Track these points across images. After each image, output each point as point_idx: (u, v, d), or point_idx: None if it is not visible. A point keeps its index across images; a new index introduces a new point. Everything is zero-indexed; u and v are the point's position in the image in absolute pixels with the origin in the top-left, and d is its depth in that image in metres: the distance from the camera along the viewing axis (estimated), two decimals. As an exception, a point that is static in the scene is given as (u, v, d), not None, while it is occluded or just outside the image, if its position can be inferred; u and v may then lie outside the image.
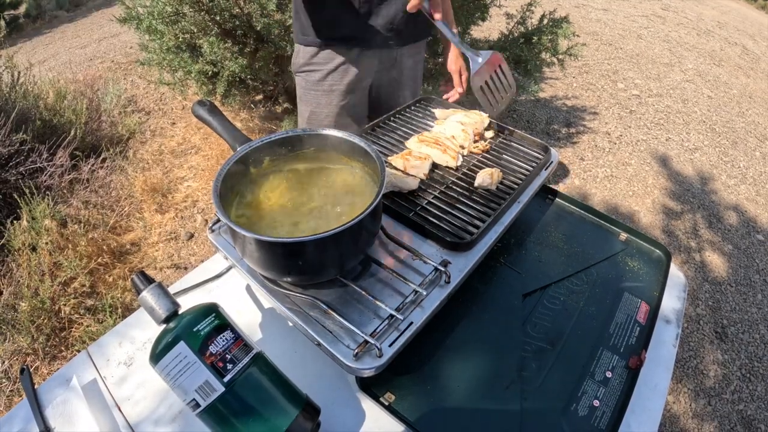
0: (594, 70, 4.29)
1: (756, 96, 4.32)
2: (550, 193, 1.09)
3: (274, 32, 2.10)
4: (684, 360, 1.96)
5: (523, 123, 3.40)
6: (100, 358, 0.73)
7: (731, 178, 3.13)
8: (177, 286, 0.82)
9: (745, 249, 2.56)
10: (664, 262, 0.94)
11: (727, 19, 6.50)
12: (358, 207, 0.72)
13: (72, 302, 1.75)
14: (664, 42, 5.18)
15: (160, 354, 0.57)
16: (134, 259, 2.09)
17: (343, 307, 0.67)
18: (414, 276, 0.72)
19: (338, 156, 0.78)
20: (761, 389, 1.89)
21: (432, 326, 0.72)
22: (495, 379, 0.71)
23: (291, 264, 0.64)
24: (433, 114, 1.14)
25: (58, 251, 1.88)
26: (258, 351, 0.62)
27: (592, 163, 3.09)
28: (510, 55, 2.44)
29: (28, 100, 2.46)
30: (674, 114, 3.77)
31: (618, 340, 0.79)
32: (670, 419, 1.75)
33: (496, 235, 0.81)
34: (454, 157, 0.94)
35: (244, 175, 0.75)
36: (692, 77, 4.44)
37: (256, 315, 0.80)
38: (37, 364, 1.61)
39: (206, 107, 0.82)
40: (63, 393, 0.67)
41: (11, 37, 4.72)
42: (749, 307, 2.24)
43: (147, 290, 0.62)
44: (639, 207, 2.76)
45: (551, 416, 0.67)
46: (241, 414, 0.56)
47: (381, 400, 0.67)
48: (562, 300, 0.85)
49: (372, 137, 1.04)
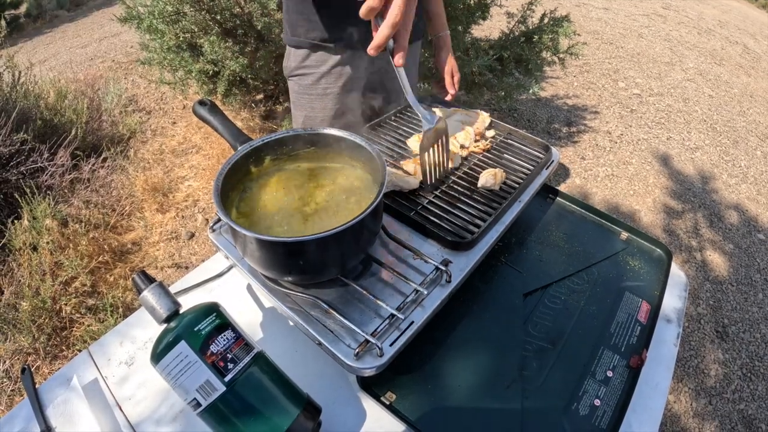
0: (595, 69, 4.28)
1: (757, 95, 4.32)
2: (551, 192, 1.09)
3: (275, 31, 2.10)
4: (685, 359, 1.96)
5: (524, 122, 3.39)
6: (101, 357, 0.73)
7: (732, 177, 3.12)
8: (178, 286, 0.82)
9: (746, 248, 2.55)
10: (665, 262, 0.94)
11: (728, 18, 6.48)
12: (359, 206, 0.72)
13: (73, 302, 1.75)
14: (665, 41, 5.17)
15: (161, 353, 0.57)
16: (135, 259, 2.09)
17: (344, 307, 0.67)
18: (415, 275, 0.72)
19: (339, 155, 0.78)
20: (762, 388, 1.88)
21: (433, 325, 0.72)
22: (496, 378, 0.71)
23: (292, 263, 0.64)
24: (433, 113, 1.14)
25: (59, 251, 1.88)
26: (259, 350, 0.62)
27: (593, 162, 3.08)
28: (511, 54, 2.43)
29: (28, 100, 2.47)
30: (675, 113, 3.77)
31: (619, 339, 0.79)
32: (671, 418, 1.75)
33: (497, 234, 0.81)
34: (452, 158, 0.94)
35: (245, 175, 0.75)
36: (693, 76, 4.43)
37: (257, 314, 0.80)
38: (38, 363, 1.61)
39: (207, 107, 0.82)
40: (64, 392, 0.67)
41: (12, 37, 4.73)
42: (750, 307, 2.23)
43: (148, 290, 0.62)
44: (640, 206, 2.76)
45: (552, 415, 0.67)
46: (242, 413, 0.56)
47: (382, 399, 0.67)
48: (563, 299, 0.84)
49: (373, 136, 1.04)
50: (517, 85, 2.53)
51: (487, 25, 3.57)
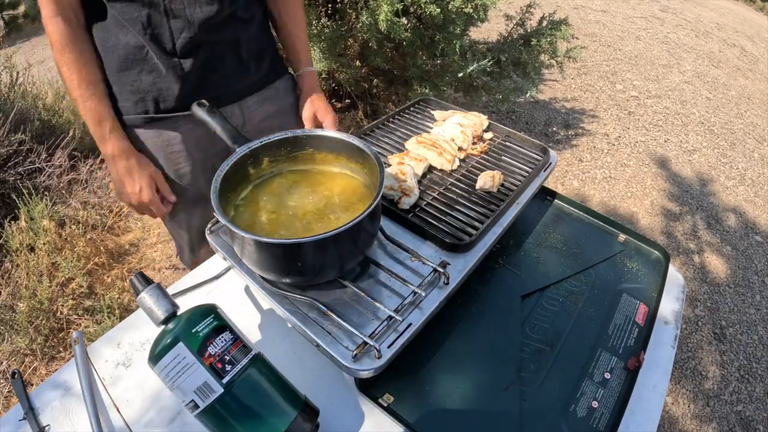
0: (593, 72, 4.29)
1: (754, 97, 4.33)
2: (549, 194, 1.09)
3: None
4: (682, 361, 1.96)
5: (521, 124, 3.40)
6: (99, 359, 0.72)
7: (730, 180, 3.13)
8: (176, 287, 0.82)
9: (743, 250, 2.56)
10: (662, 264, 0.95)
11: (725, 21, 6.51)
12: (356, 208, 0.72)
13: (70, 303, 1.75)
14: (662, 43, 5.19)
15: (159, 355, 0.57)
16: (133, 260, 2.09)
17: (341, 309, 0.67)
18: (413, 277, 0.72)
19: (337, 157, 0.78)
20: (759, 390, 1.89)
21: (431, 327, 0.72)
22: (494, 380, 0.71)
23: (290, 265, 0.64)
24: (432, 115, 1.14)
25: (56, 252, 1.87)
26: (257, 352, 0.62)
27: (590, 164, 3.09)
28: (509, 58, 2.44)
29: (26, 101, 2.46)
30: (673, 115, 3.78)
31: (617, 341, 0.79)
32: (669, 420, 1.75)
33: (495, 236, 0.81)
34: (449, 160, 0.94)
35: (244, 176, 0.75)
36: (691, 78, 4.45)
37: (255, 316, 0.80)
38: (35, 364, 1.61)
39: (205, 108, 0.83)
40: (61, 394, 0.67)
41: (10, 37, 4.71)
42: (748, 309, 2.24)
43: (146, 291, 0.62)
44: (637, 208, 2.77)
45: (550, 417, 0.67)
46: (239, 415, 0.56)
47: (380, 401, 0.67)
48: (560, 301, 0.85)
49: (371, 138, 1.04)
50: (515, 87, 2.53)
51: (485, 28, 3.58)
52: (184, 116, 0.96)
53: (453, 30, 2.10)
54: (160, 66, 0.90)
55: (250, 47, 1.00)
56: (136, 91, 0.92)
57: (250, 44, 1.00)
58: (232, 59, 0.98)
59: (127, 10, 0.83)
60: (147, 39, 0.86)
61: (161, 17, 0.85)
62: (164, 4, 0.84)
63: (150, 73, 0.90)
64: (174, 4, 0.85)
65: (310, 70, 1.12)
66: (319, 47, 2.00)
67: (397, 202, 0.84)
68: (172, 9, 0.85)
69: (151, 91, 0.92)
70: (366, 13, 1.92)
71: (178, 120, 0.97)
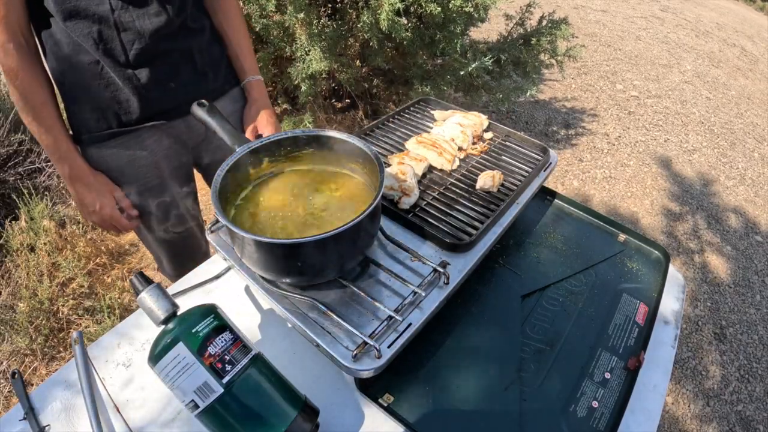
0: (593, 72, 4.29)
1: (754, 97, 4.33)
2: (549, 194, 1.09)
3: (273, 33, 2.10)
4: (683, 361, 1.96)
5: (521, 124, 3.40)
6: (99, 359, 0.72)
7: (730, 179, 3.13)
8: (176, 287, 0.82)
9: (743, 250, 2.56)
10: (662, 263, 0.95)
11: (725, 21, 6.51)
12: (357, 208, 0.72)
13: (70, 303, 1.75)
14: (662, 43, 5.19)
15: (159, 355, 0.57)
16: (133, 260, 2.09)
17: (341, 309, 0.67)
18: (413, 277, 0.72)
19: (337, 157, 0.78)
20: (760, 390, 1.89)
21: (431, 327, 0.72)
22: (494, 380, 0.71)
23: (290, 265, 0.64)
24: (432, 115, 1.14)
25: (56, 252, 1.88)
26: (257, 352, 0.62)
27: (590, 164, 3.09)
28: (509, 57, 2.44)
29: (26, 101, 2.46)
30: (673, 115, 3.78)
31: (617, 341, 0.79)
32: (669, 420, 1.75)
33: (495, 236, 0.81)
34: (449, 160, 0.94)
35: (244, 176, 0.75)
36: (691, 78, 4.45)
37: (255, 316, 0.80)
38: (35, 364, 1.61)
39: (205, 108, 0.82)
40: (61, 394, 0.67)
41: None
42: (748, 308, 2.24)
43: (146, 291, 0.62)
44: (638, 208, 2.77)
45: (550, 417, 0.67)
46: (239, 415, 0.56)
47: (380, 401, 0.67)
48: (560, 301, 0.85)
49: (371, 138, 1.04)
50: (515, 87, 2.54)
51: (485, 28, 3.58)
52: (148, 128, 0.97)
53: (453, 29, 2.10)
54: (116, 79, 0.90)
55: (204, 57, 1.01)
56: (97, 107, 0.93)
57: (203, 54, 1.01)
58: (188, 69, 0.98)
59: (77, 27, 0.84)
60: (100, 53, 0.87)
61: (112, 31, 0.86)
62: (113, 18, 0.85)
63: (107, 87, 0.91)
64: (123, 18, 0.86)
65: (255, 78, 1.11)
66: (319, 47, 2.00)
67: (397, 202, 0.84)
68: (122, 22, 0.86)
69: (111, 105, 0.93)
70: (367, 13, 1.92)
71: (142, 133, 0.98)
